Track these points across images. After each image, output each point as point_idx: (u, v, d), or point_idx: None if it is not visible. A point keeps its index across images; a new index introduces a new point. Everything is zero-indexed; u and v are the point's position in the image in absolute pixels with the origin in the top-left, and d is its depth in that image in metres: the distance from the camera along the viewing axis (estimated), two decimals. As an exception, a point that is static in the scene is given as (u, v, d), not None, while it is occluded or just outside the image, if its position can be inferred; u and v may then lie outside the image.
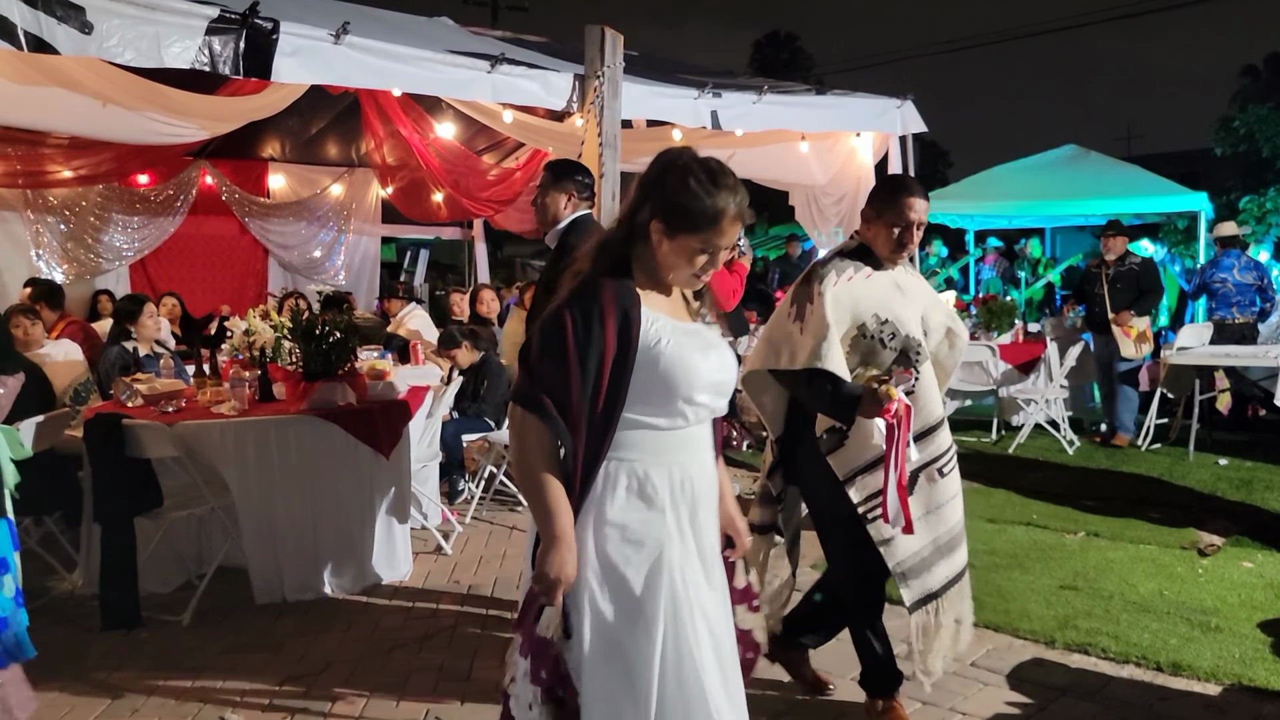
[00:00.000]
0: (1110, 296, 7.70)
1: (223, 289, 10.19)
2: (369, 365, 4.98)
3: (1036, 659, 3.68)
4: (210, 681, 3.60)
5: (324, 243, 10.75)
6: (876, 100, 7.44)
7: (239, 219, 10.14)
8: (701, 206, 2.04)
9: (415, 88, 5.42)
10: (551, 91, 5.62)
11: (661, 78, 6.18)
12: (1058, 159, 12.35)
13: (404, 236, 12.79)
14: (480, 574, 4.77)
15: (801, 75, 28.96)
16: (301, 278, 10.43)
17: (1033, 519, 5.60)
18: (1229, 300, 8.26)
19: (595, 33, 5.59)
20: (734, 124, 6.37)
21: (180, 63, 4.34)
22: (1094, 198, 11.67)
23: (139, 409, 4.55)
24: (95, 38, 4.09)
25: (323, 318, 4.63)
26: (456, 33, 7.12)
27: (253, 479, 4.32)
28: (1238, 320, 8.21)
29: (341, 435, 4.44)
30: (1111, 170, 12.23)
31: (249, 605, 4.34)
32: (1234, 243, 8.61)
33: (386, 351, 6.13)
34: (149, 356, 5.61)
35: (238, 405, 4.51)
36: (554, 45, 7.07)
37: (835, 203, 7.97)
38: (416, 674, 3.64)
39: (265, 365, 4.83)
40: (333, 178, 10.61)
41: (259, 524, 4.36)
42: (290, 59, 4.64)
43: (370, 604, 4.40)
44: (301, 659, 3.79)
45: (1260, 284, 8.29)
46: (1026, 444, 7.70)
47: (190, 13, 4.33)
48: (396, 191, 10.24)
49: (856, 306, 2.96)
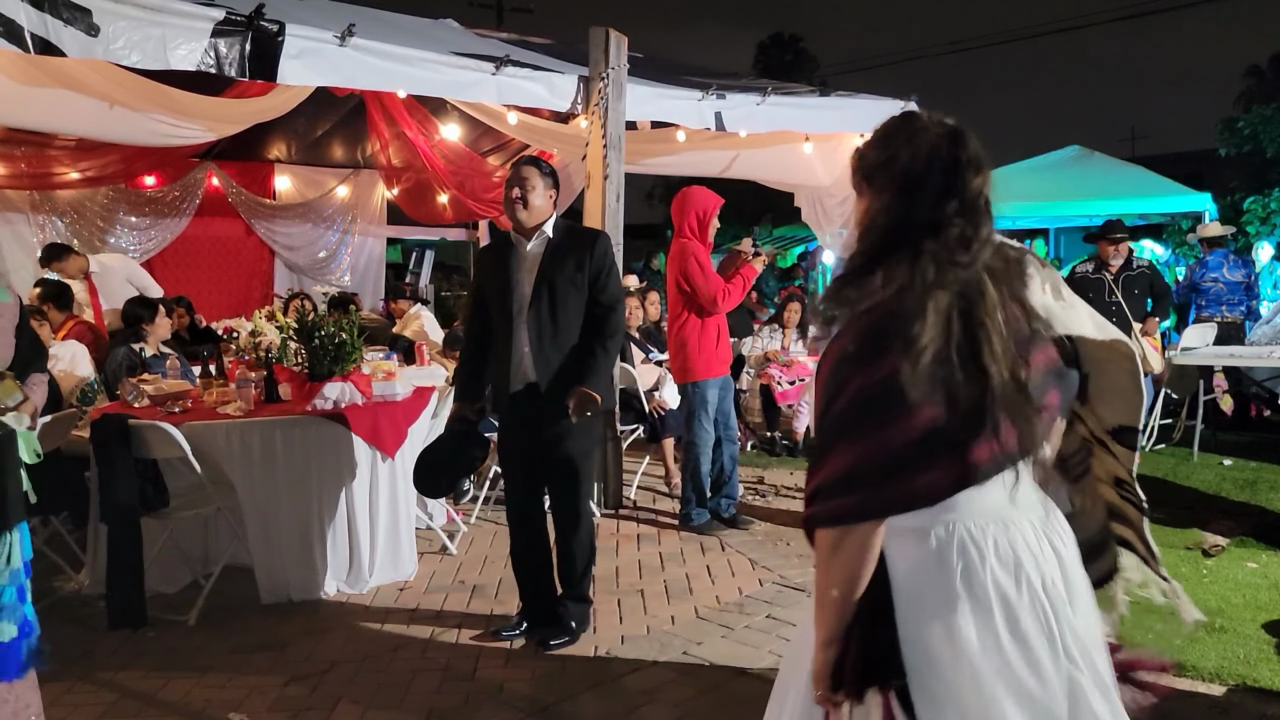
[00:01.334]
0: (1128, 305, 7.07)
1: (229, 290, 10.24)
2: (374, 365, 5.00)
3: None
4: (215, 681, 3.62)
5: (329, 244, 10.79)
6: (880, 101, 7.44)
7: (245, 220, 10.18)
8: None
9: (420, 89, 5.44)
10: (556, 93, 5.64)
11: (665, 79, 6.20)
12: (1062, 160, 12.35)
13: (409, 238, 12.82)
14: (485, 574, 4.78)
15: (806, 76, 28.94)
16: (307, 279, 10.47)
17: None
18: (1220, 299, 8.26)
19: (600, 34, 5.61)
20: (738, 125, 6.37)
21: (186, 65, 4.36)
22: (1098, 198, 11.66)
23: (146, 409, 4.57)
24: (101, 40, 4.10)
25: (328, 318, 4.65)
26: (461, 34, 7.14)
27: (258, 479, 4.34)
28: (1228, 319, 8.20)
29: (346, 435, 4.46)
30: (1115, 171, 12.23)
31: (254, 605, 4.36)
32: (1220, 243, 8.61)
33: (392, 352, 6.14)
34: (155, 357, 5.64)
35: (243, 405, 4.53)
36: (559, 47, 7.09)
37: (840, 203, 7.97)
38: (421, 674, 3.65)
39: (271, 366, 4.85)
40: (338, 179, 10.65)
41: (264, 524, 4.38)
42: (296, 61, 4.65)
43: (375, 604, 4.41)
44: (307, 659, 3.81)
45: (1248, 281, 8.30)
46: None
47: (196, 15, 4.34)
48: (402, 193, 10.27)
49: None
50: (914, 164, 1.64)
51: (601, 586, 4.58)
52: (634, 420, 6.37)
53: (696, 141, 6.75)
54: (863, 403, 1.52)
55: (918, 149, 1.64)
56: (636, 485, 6.38)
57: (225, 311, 9.56)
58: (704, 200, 5.32)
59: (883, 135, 1.71)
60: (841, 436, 1.54)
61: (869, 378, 1.51)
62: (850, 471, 1.53)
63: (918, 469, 1.51)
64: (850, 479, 1.53)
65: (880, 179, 1.67)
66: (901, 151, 1.65)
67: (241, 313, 9.67)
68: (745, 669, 3.63)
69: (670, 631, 4.03)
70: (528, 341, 3.76)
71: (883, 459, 1.51)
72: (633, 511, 5.93)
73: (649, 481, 6.51)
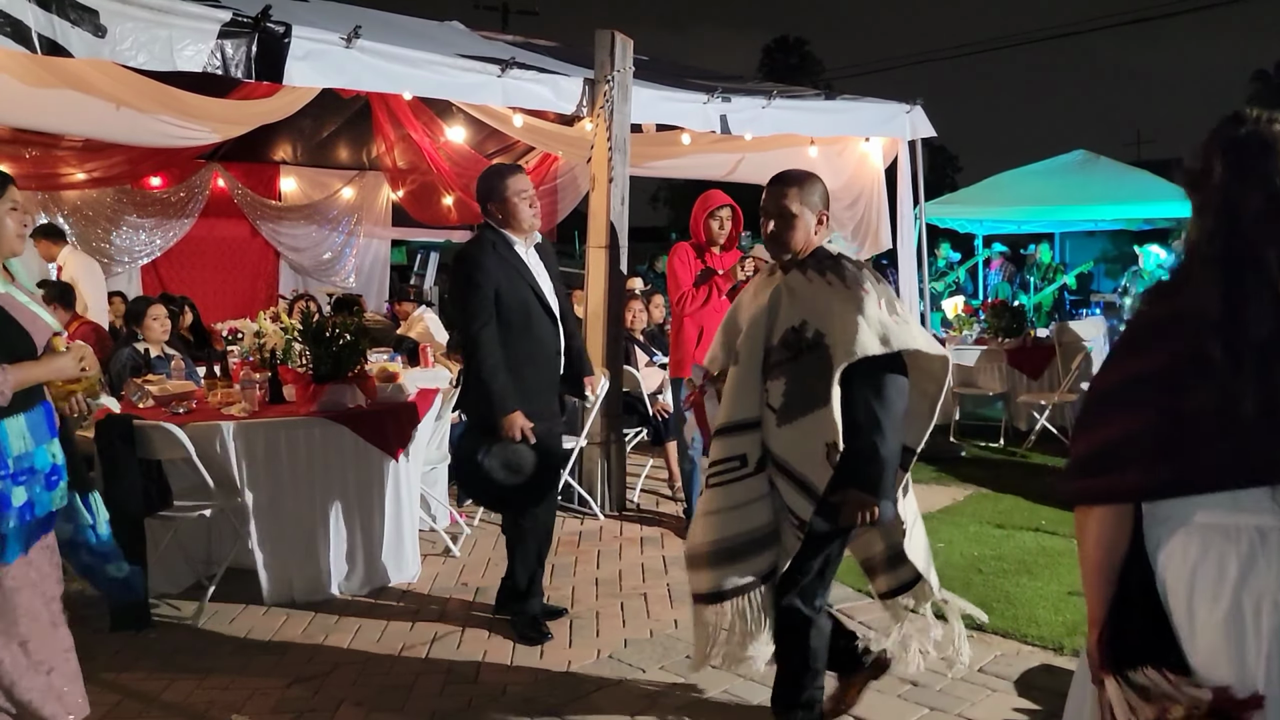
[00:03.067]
0: None
1: (234, 291, 10.26)
2: (379, 367, 5.00)
3: (1045, 665, 3.67)
4: (218, 683, 3.62)
5: (335, 245, 10.81)
6: (885, 105, 7.45)
7: (250, 222, 10.20)
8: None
9: (426, 91, 5.45)
10: (561, 96, 5.65)
11: (671, 82, 6.20)
12: (1067, 164, 12.34)
13: (414, 239, 12.83)
14: (489, 576, 4.78)
15: (811, 80, 29.01)
16: (312, 280, 10.48)
17: (1041, 524, 5.59)
18: None
19: (605, 37, 5.62)
20: (743, 128, 6.38)
21: (193, 66, 4.37)
22: (1104, 203, 11.65)
23: (150, 410, 4.58)
24: (108, 41, 4.12)
25: (333, 320, 4.65)
26: (467, 36, 7.15)
27: (262, 480, 4.34)
28: None
29: (351, 437, 4.46)
30: (1121, 175, 12.22)
31: (258, 606, 4.36)
32: None
33: (396, 354, 6.15)
34: (160, 358, 5.65)
35: (248, 407, 4.53)
36: (564, 49, 7.10)
37: (848, 207, 7.96)
38: (424, 676, 3.65)
39: (275, 367, 4.85)
40: (343, 181, 10.68)
41: (268, 525, 4.38)
42: (302, 62, 4.67)
43: (378, 605, 4.41)
44: (310, 660, 3.81)
45: None
46: (1035, 450, 7.67)
47: (203, 16, 4.36)
48: (407, 195, 10.28)
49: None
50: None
51: (605, 590, 4.58)
52: (638, 423, 6.37)
53: (701, 144, 6.75)
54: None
55: None
56: (640, 488, 6.37)
57: (230, 312, 9.54)
58: (700, 201, 5.27)
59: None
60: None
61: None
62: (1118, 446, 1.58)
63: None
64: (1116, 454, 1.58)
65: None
66: None
67: (246, 314, 9.70)
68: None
69: (673, 635, 4.02)
70: (562, 337, 4.04)
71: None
72: (636, 514, 5.93)
73: (652, 485, 6.51)
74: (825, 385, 2.72)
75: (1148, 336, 1.63)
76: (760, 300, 2.95)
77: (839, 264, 2.86)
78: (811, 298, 2.83)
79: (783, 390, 2.81)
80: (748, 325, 2.93)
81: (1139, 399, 1.58)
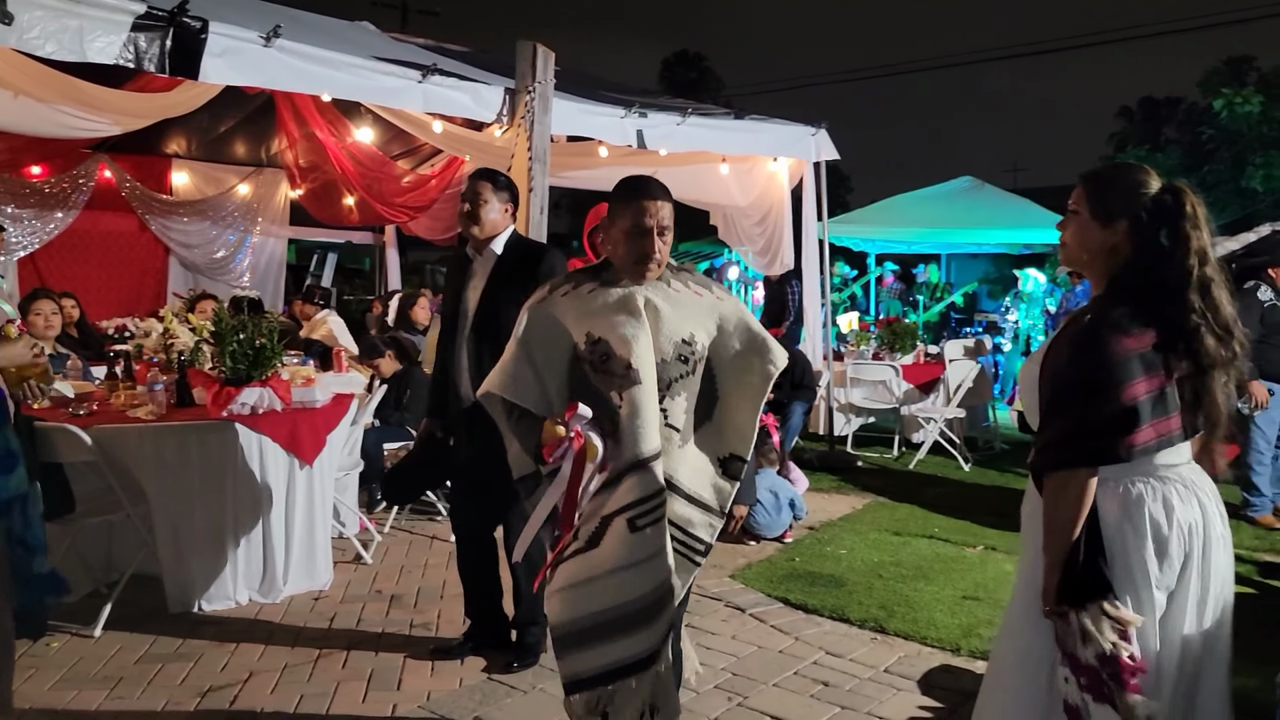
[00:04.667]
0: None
1: (120, 288, 9.83)
2: (292, 371, 4.91)
3: (944, 665, 3.88)
4: (127, 692, 3.51)
5: (229, 243, 10.46)
6: (793, 127, 7.72)
7: (139, 216, 9.79)
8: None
9: (345, 94, 5.37)
10: (482, 104, 5.66)
11: (589, 95, 6.28)
12: (955, 190, 12.99)
13: (312, 239, 12.53)
14: (403, 583, 4.75)
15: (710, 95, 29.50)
16: (204, 278, 10.13)
17: (935, 532, 5.88)
18: None
19: (527, 48, 5.65)
20: (659, 144, 6.52)
21: (104, 58, 4.23)
22: (988, 228, 12.29)
23: (47, 410, 4.39)
24: (15, 29, 3.96)
25: (247, 321, 4.55)
26: (380, 38, 7.08)
27: (170, 485, 4.22)
28: None
29: (263, 442, 4.38)
30: (1004, 202, 12.93)
31: (162, 615, 4.24)
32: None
33: (308, 357, 6.04)
34: (53, 356, 5.40)
35: (156, 410, 4.40)
36: (478, 55, 7.10)
37: (756, 224, 8.21)
38: (345, 684, 3.62)
39: (184, 369, 4.72)
40: (240, 177, 10.36)
41: (175, 531, 4.26)
42: (219, 59, 4.56)
43: (290, 613, 4.34)
44: (222, 670, 3.73)
45: None
46: (926, 460, 8.03)
47: (116, 8, 4.22)
48: (307, 193, 10.04)
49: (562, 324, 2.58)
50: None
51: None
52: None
53: (617, 157, 6.85)
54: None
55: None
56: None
57: (114, 310, 9.18)
58: (591, 215, 5.08)
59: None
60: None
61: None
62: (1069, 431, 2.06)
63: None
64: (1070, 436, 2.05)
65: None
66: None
67: (132, 311, 9.30)
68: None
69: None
70: (467, 359, 3.68)
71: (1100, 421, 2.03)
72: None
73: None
74: (716, 396, 2.64)
75: (1130, 327, 2.05)
76: (628, 314, 2.52)
77: (693, 273, 2.73)
78: (687, 307, 2.60)
79: (684, 408, 2.55)
80: (634, 343, 2.46)
81: (1142, 374, 2.02)
